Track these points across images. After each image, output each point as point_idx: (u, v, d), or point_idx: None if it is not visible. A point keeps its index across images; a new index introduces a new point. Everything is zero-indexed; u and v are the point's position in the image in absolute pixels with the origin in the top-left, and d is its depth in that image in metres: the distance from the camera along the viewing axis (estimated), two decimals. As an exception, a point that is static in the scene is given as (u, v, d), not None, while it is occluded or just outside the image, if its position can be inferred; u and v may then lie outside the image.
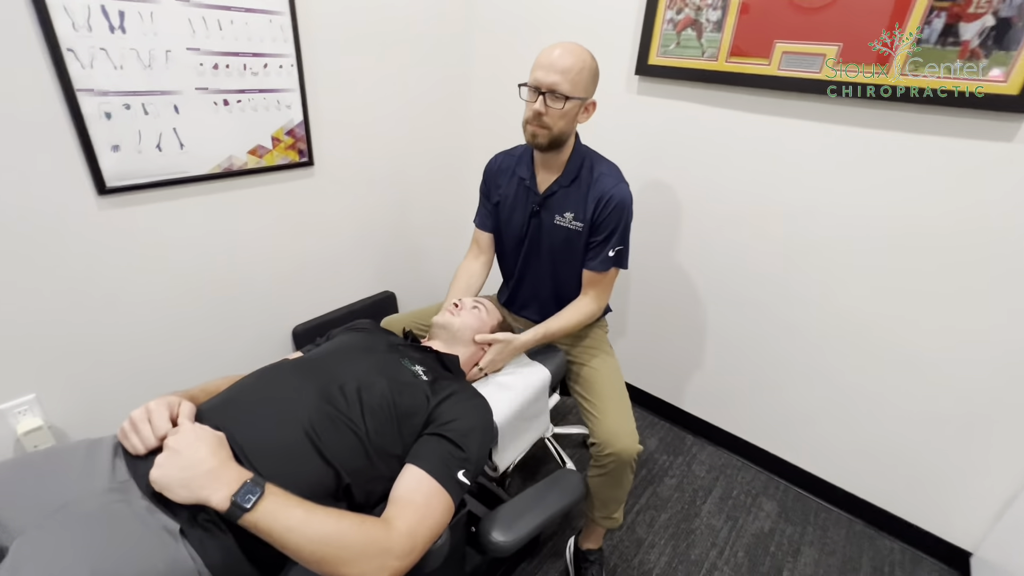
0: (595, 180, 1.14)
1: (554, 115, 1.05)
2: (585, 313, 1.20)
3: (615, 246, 1.15)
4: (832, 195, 1.32)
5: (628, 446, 1.10)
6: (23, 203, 1.06)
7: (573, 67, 1.02)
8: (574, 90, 1.04)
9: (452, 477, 0.79)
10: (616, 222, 1.13)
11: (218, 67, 1.24)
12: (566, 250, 1.19)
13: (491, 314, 1.13)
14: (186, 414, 0.70)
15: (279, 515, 0.63)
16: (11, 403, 1.17)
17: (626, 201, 1.13)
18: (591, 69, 1.06)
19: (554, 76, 1.02)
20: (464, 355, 1.05)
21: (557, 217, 1.17)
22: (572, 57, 1.03)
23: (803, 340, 1.50)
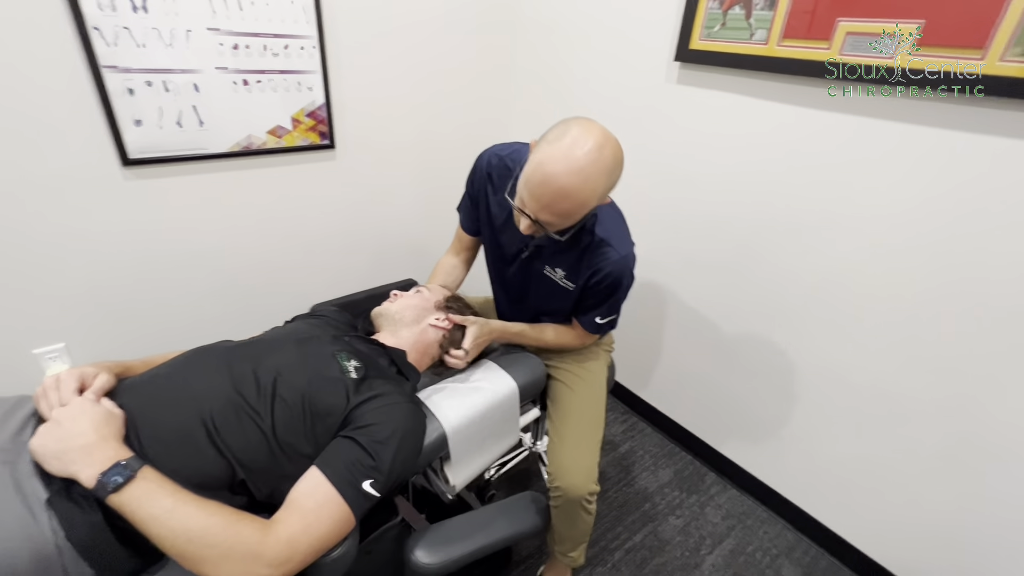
0: (595, 245, 0.95)
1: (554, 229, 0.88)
2: (567, 344, 1.13)
3: (605, 315, 1.05)
4: (901, 215, 1.07)
5: (576, 484, 0.97)
6: (56, 167, 1.17)
7: (576, 205, 0.80)
8: (571, 222, 0.85)
9: (354, 486, 0.73)
10: (609, 295, 1.00)
11: (238, 47, 1.28)
12: (551, 299, 1.07)
13: (434, 292, 1.07)
14: (95, 387, 0.71)
15: (144, 502, 0.61)
16: (43, 349, 1.30)
17: (624, 277, 0.97)
18: (604, 191, 0.83)
19: (548, 216, 0.82)
20: (411, 340, 0.98)
21: (547, 268, 1.03)
22: (577, 196, 0.79)
23: (855, 388, 1.24)
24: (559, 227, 0.85)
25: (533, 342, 1.10)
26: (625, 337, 1.77)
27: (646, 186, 1.54)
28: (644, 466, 1.64)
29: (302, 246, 1.63)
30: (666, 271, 1.57)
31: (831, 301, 1.23)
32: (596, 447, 1.05)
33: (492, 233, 1.11)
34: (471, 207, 1.15)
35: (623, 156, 0.82)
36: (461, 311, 1.06)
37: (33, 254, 1.20)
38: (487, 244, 1.17)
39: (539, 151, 0.81)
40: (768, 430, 1.46)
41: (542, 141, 0.82)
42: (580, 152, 0.77)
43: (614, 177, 0.83)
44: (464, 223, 1.19)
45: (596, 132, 0.79)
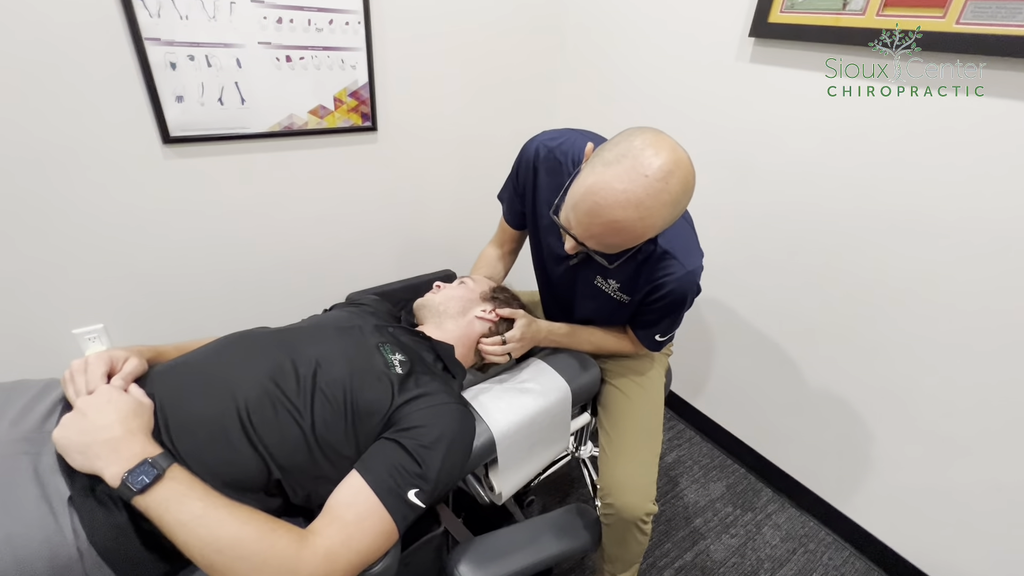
0: (657, 258, 0.83)
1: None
2: (621, 349, 1.04)
3: (665, 332, 0.95)
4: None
5: (632, 503, 0.88)
6: (98, 145, 1.13)
7: (630, 237, 0.69)
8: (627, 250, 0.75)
9: (399, 496, 0.65)
10: (670, 312, 0.90)
11: (281, 21, 1.22)
12: (602, 310, 0.97)
13: (479, 283, 1.00)
14: (125, 372, 0.65)
15: (173, 505, 0.55)
16: (83, 329, 1.29)
17: (689, 295, 0.85)
18: (663, 224, 0.69)
19: (596, 246, 0.73)
20: (457, 334, 0.91)
21: (599, 279, 0.92)
22: (633, 229, 0.67)
23: (942, 410, 1.10)
24: (609, 254, 0.76)
25: (584, 346, 1.01)
26: (676, 339, 1.66)
27: (709, 177, 1.41)
28: (693, 478, 1.53)
29: (340, 231, 1.57)
30: (727, 270, 1.45)
31: (918, 311, 1.09)
32: (654, 463, 0.95)
33: (537, 231, 1.01)
34: (515, 198, 1.04)
35: (694, 179, 0.68)
36: (508, 303, 0.98)
37: (73, 233, 1.18)
38: (533, 241, 1.07)
39: (592, 171, 0.67)
40: (835, 446, 1.32)
41: (596, 158, 0.69)
42: (640, 183, 0.63)
43: (680, 207, 0.69)
44: (507, 214, 1.10)
45: (664, 155, 0.64)
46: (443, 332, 0.91)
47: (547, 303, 1.15)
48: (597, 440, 1.57)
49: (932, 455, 1.15)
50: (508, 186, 1.06)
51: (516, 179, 1.02)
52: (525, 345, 0.94)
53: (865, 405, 1.23)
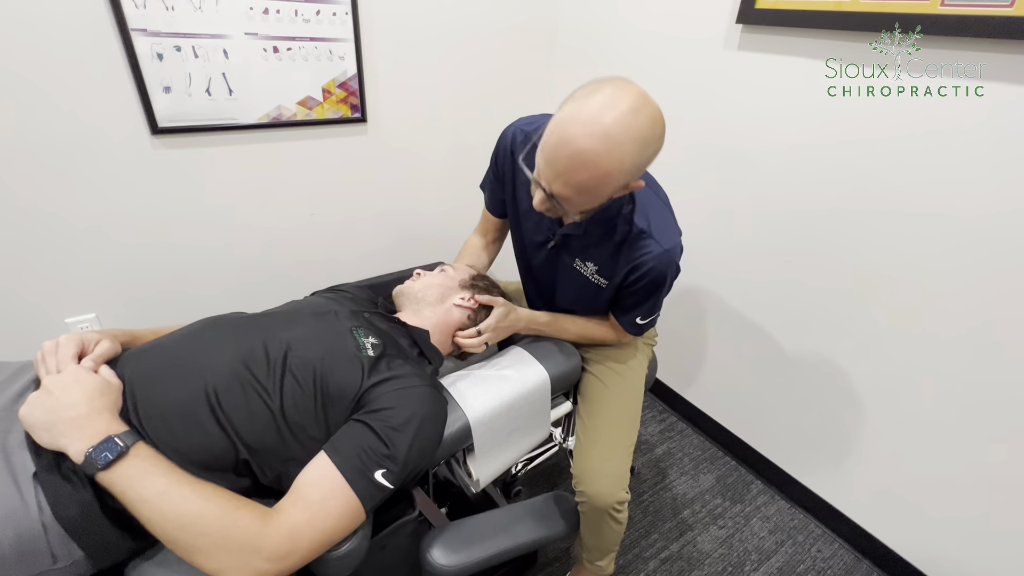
0: (633, 238, 0.83)
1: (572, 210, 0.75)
2: (603, 337, 1.03)
3: (646, 315, 0.94)
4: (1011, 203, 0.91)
5: (603, 491, 0.88)
6: (87, 136, 1.15)
7: (591, 184, 0.67)
8: (591, 202, 0.72)
9: (366, 476, 0.66)
10: (649, 294, 0.89)
11: (268, 12, 1.22)
12: (580, 296, 0.97)
13: (459, 270, 0.99)
14: (95, 354, 0.66)
15: (136, 481, 0.55)
16: (75, 318, 1.31)
17: (668, 274, 0.85)
18: (633, 167, 0.68)
19: (564, 189, 0.70)
20: (435, 320, 0.91)
21: (577, 261, 0.92)
22: (599, 168, 0.65)
23: (930, 398, 1.09)
24: (577, 205, 0.72)
25: (564, 335, 1.01)
26: (666, 330, 1.65)
27: (698, 167, 1.41)
28: (683, 470, 1.52)
29: (330, 222, 1.58)
30: (716, 260, 1.44)
31: (911, 302, 1.07)
32: (628, 451, 0.95)
33: (517, 217, 1.01)
34: (496, 186, 1.04)
35: (664, 127, 0.68)
36: (488, 290, 0.98)
37: (64, 222, 1.20)
38: (513, 228, 1.06)
39: (562, 110, 0.68)
40: (826, 438, 1.31)
41: (568, 99, 0.69)
42: (609, 114, 0.63)
43: (649, 151, 0.68)
44: (489, 203, 1.10)
45: (632, 93, 0.65)
46: (420, 319, 0.91)
47: (530, 293, 1.14)
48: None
49: (923, 448, 1.13)
50: (489, 174, 1.06)
51: (495, 166, 1.01)
52: (501, 334, 0.94)
53: (857, 397, 1.22)
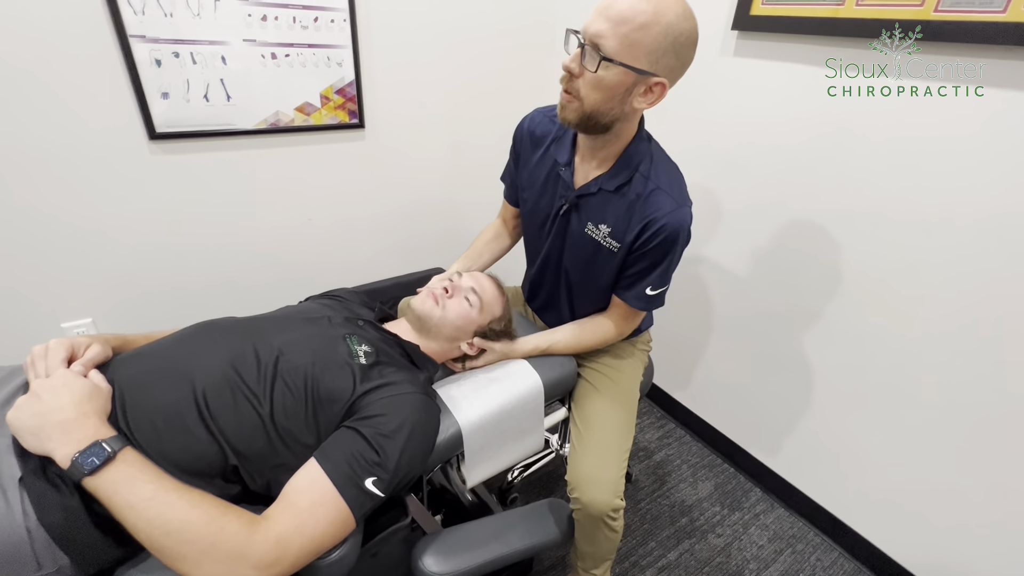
0: (648, 195, 0.84)
1: (587, 82, 0.74)
2: (603, 337, 1.00)
3: (656, 285, 0.90)
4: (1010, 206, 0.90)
5: (598, 499, 0.86)
6: (84, 141, 1.15)
7: (636, 18, 0.68)
8: (623, 52, 0.70)
9: (355, 484, 0.65)
10: (662, 256, 0.86)
11: (266, 19, 1.23)
12: (589, 267, 0.95)
13: (485, 311, 0.91)
14: (85, 358, 0.66)
15: (122, 487, 0.55)
16: (71, 323, 1.31)
17: (681, 233, 0.84)
18: (670, 32, 0.69)
19: (601, 24, 0.70)
20: (437, 351, 0.90)
21: (589, 225, 0.91)
22: (640, 6, 0.68)
23: (928, 405, 1.08)
24: (608, 46, 0.70)
25: (567, 350, 1.01)
26: (663, 335, 1.64)
27: (695, 173, 1.40)
28: (681, 477, 1.51)
29: (328, 227, 1.58)
30: (712, 263, 1.44)
31: (906, 304, 1.07)
32: (622, 457, 0.93)
33: (532, 197, 1.01)
34: (515, 172, 1.07)
35: (696, 31, 0.73)
36: (496, 336, 0.95)
37: (62, 227, 1.20)
38: (526, 213, 1.06)
39: None
40: (825, 445, 1.30)
41: None
42: None
43: (684, 35, 0.71)
44: (507, 193, 1.13)
45: None
46: (421, 341, 0.89)
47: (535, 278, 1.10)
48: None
49: (924, 456, 1.12)
50: (509, 164, 1.09)
51: (514, 152, 1.05)
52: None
53: (857, 404, 1.21)
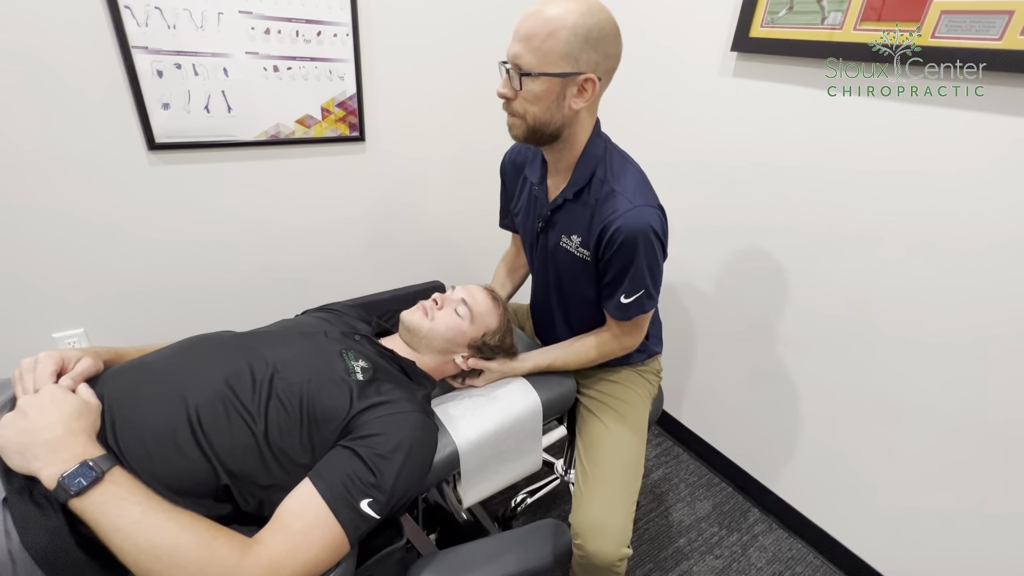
0: (604, 198, 0.84)
1: (523, 100, 0.79)
2: (605, 351, 0.98)
3: (630, 292, 0.86)
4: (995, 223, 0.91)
5: (604, 549, 0.82)
6: (82, 150, 1.14)
7: (542, 30, 0.72)
8: (542, 63, 0.74)
9: (351, 506, 0.64)
10: (627, 261, 0.83)
11: (269, 32, 1.24)
12: (573, 281, 0.95)
13: (477, 323, 0.90)
14: (75, 372, 0.64)
15: (110, 509, 0.53)
16: (63, 333, 1.29)
17: (640, 234, 0.80)
18: (579, 29, 0.72)
19: (516, 46, 0.76)
20: (431, 366, 0.89)
21: (563, 238, 0.92)
22: (544, 15, 0.72)
23: (934, 428, 1.07)
24: (524, 62, 0.75)
25: (569, 367, 1.00)
26: (665, 354, 1.64)
27: (694, 190, 1.42)
28: (679, 496, 1.49)
29: (328, 240, 1.57)
30: (711, 280, 1.44)
31: (906, 324, 1.07)
32: (631, 502, 0.89)
33: (521, 219, 1.05)
34: (507, 203, 1.13)
35: (615, 28, 0.76)
36: (492, 351, 0.93)
37: (55, 236, 1.19)
38: (522, 239, 1.10)
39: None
40: (825, 466, 1.29)
41: None
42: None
43: (593, 30, 0.73)
44: (508, 224, 1.19)
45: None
46: (413, 355, 0.88)
47: (537, 303, 1.12)
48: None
49: (927, 479, 1.11)
50: (501, 200, 1.16)
51: (504, 188, 1.12)
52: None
53: (857, 425, 1.20)
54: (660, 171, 1.49)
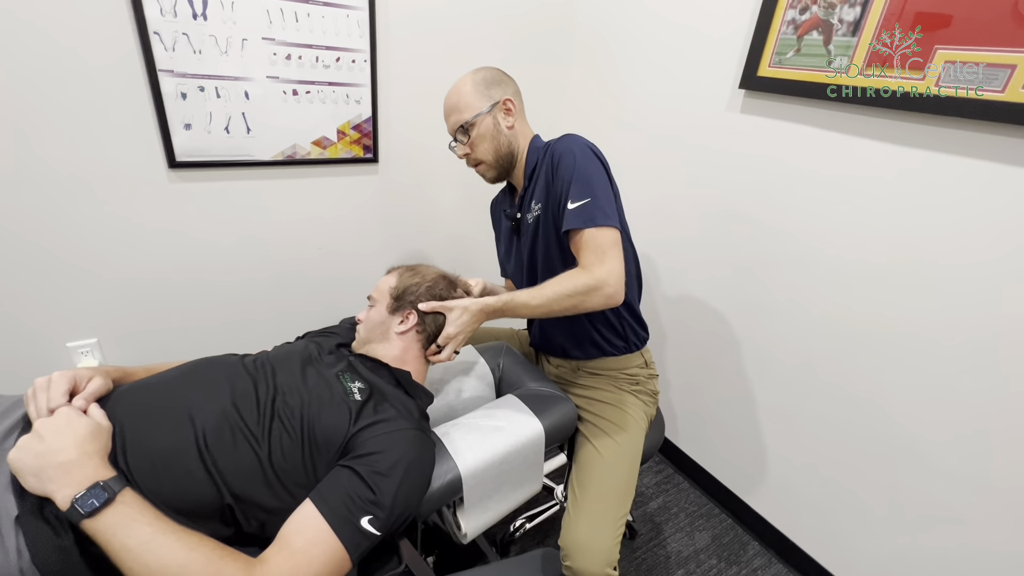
0: (547, 153, 0.99)
1: (476, 147, 1.01)
2: (570, 281, 0.85)
3: (576, 198, 0.88)
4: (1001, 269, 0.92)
5: (588, 569, 0.84)
6: (106, 164, 1.18)
7: (458, 95, 1.00)
8: (471, 111, 0.99)
9: (352, 523, 0.65)
10: (567, 172, 0.91)
11: (291, 58, 1.28)
12: (542, 245, 1.02)
13: (380, 296, 0.92)
14: (87, 392, 0.66)
15: (120, 530, 0.55)
16: (77, 343, 1.31)
17: (573, 146, 0.93)
18: (478, 80, 1.00)
19: (451, 118, 1.02)
20: (399, 357, 0.87)
21: (528, 216, 1.05)
22: (454, 89, 1.01)
23: (938, 470, 1.07)
24: (459, 120, 0.99)
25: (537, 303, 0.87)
26: (666, 381, 1.64)
27: (699, 224, 1.44)
28: (678, 526, 1.48)
29: (341, 258, 1.60)
30: (713, 311, 1.44)
31: (915, 362, 1.07)
32: (618, 525, 0.91)
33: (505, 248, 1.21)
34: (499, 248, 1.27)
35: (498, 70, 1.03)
36: (439, 296, 0.90)
37: (73, 248, 1.22)
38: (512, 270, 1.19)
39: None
40: (827, 502, 1.28)
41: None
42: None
43: (484, 76, 1.00)
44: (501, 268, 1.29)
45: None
46: (390, 357, 0.88)
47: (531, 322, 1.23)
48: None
49: (929, 519, 1.10)
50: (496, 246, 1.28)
51: (495, 231, 1.26)
52: (464, 336, 0.89)
53: (862, 463, 1.20)
54: (667, 203, 1.51)
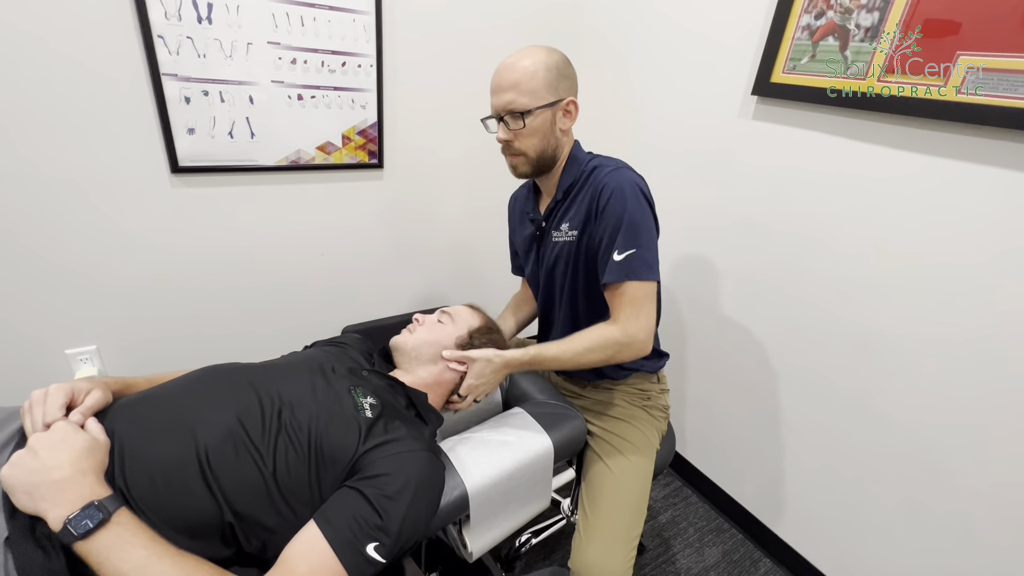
0: (590, 173, 0.93)
1: (523, 137, 0.90)
2: (601, 338, 0.86)
3: (621, 249, 0.85)
4: None
5: None
6: (108, 169, 1.16)
7: (524, 75, 0.87)
8: (535, 99, 0.87)
9: (357, 550, 0.62)
10: (616, 215, 0.85)
11: (296, 62, 1.26)
12: (566, 272, 0.99)
13: (459, 322, 0.93)
14: (85, 406, 0.64)
15: (114, 553, 0.52)
16: (75, 350, 1.29)
17: (625, 186, 0.86)
18: (551, 66, 0.88)
19: (506, 95, 0.88)
20: (429, 381, 0.87)
21: (555, 234, 0.99)
22: (521, 65, 0.87)
23: (958, 487, 1.04)
24: (521, 103, 0.87)
25: (563, 358, 0.88)
26: (676, 392, 1.61)
27: (712, 230, 1.41)
28: (687, 541, 1.45)
29: (345, 265, 1.58)
30: (728, 324, 1.41)
31: (929, 375, 1.04)
32: (631, 546, 0.89)
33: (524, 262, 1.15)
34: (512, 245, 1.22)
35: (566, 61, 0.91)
36: (483, 347, 0.92)
37: (74, 252, 1.20)
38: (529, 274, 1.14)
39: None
40: (840, 519, 1.25)
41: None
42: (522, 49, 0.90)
43: (562, 64, 0.89)
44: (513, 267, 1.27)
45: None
46: (415, 378, 0.88)
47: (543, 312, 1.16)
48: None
49: (944, 539, 1.07)
50: (509, 244, 1.24)
51: (510, 228, 1.19)
52: (487, 387, 0.91)
53: (878, 481, 1.16)
54: (678, 211, 1.49)
